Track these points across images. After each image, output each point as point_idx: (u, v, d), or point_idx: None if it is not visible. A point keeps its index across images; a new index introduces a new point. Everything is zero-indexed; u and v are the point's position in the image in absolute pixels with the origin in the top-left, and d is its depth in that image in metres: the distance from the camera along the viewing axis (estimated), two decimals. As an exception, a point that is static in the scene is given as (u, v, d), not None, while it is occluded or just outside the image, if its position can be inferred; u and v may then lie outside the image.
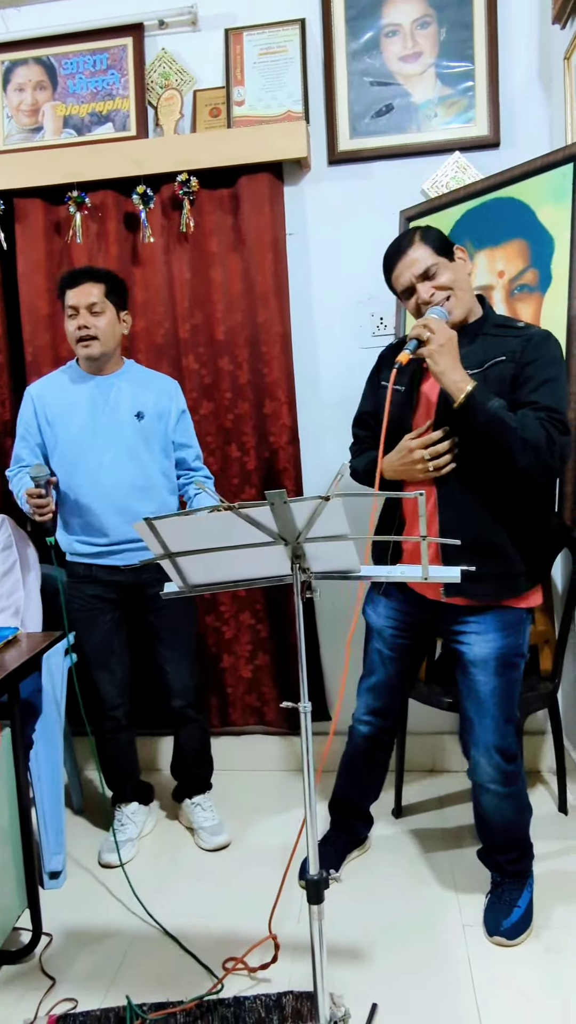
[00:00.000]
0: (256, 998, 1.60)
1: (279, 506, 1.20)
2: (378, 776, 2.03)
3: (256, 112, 2.48)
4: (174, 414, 2.18)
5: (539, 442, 1.53)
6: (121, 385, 2.14)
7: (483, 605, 1.70)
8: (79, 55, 2.57)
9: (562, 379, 1.63)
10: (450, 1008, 1.55)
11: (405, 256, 1.71)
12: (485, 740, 1.72)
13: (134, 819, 2.25)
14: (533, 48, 2.36)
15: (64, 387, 2.15)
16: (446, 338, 1.60)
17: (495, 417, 1.55)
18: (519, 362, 1.62)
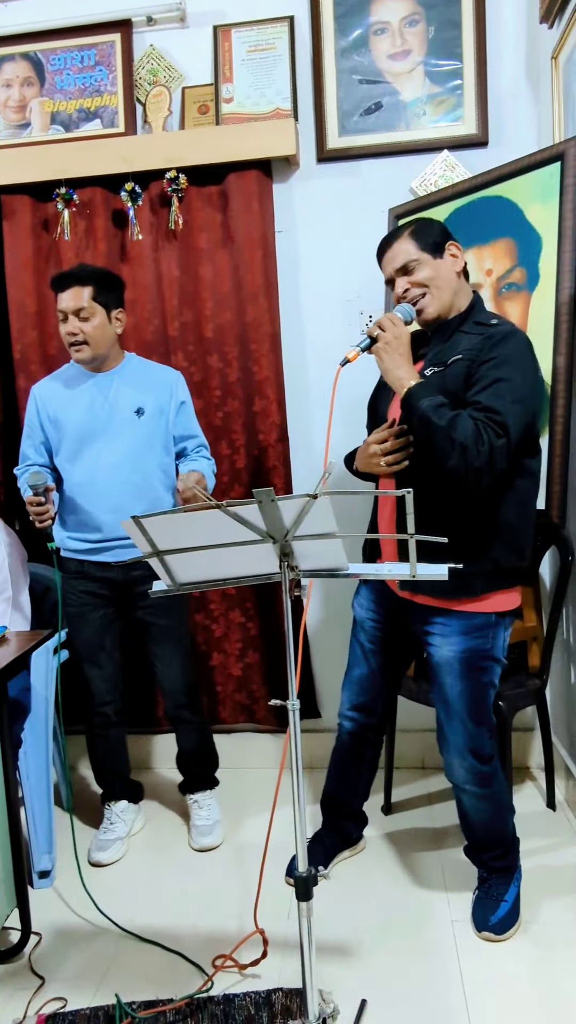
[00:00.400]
0: (246, 995, 1.60)
1: (267, 504, 1.20)
2: (366, 774, 2.03)
3: (245, 109, 2.48)
4: (173, 407, 2.16)
5: (467, 442, 1.52)
6: (120, 382, 2.13)
7: (447, 607, 1.68)
8: (67, 51, 2.56)
9: (515, 379, 1.57)
10: (439, 1003, 1.56)
11: (390, 249, 1.73)
12: (455, 742, 1.72)
13: (123, 817, 2.25)
14: (521, 47, 2.37)
15: (65, 386, 2.15)
16: (393, 336, 1.64)
17: (423, 415, 1.57)
18: (475, 360, 1.62)
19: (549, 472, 1.99)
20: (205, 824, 2.23)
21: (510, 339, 1.61)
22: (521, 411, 1.56)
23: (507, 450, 1.54)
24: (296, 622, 1.38)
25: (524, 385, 1.58)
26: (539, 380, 1.64)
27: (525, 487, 1.67)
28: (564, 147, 1.96)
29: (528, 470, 1.67)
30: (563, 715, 2.36)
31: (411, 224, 1.74)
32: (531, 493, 1.70)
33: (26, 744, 2.04)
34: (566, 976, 1.61)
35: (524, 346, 1.62)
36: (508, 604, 1.71)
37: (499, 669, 1.73)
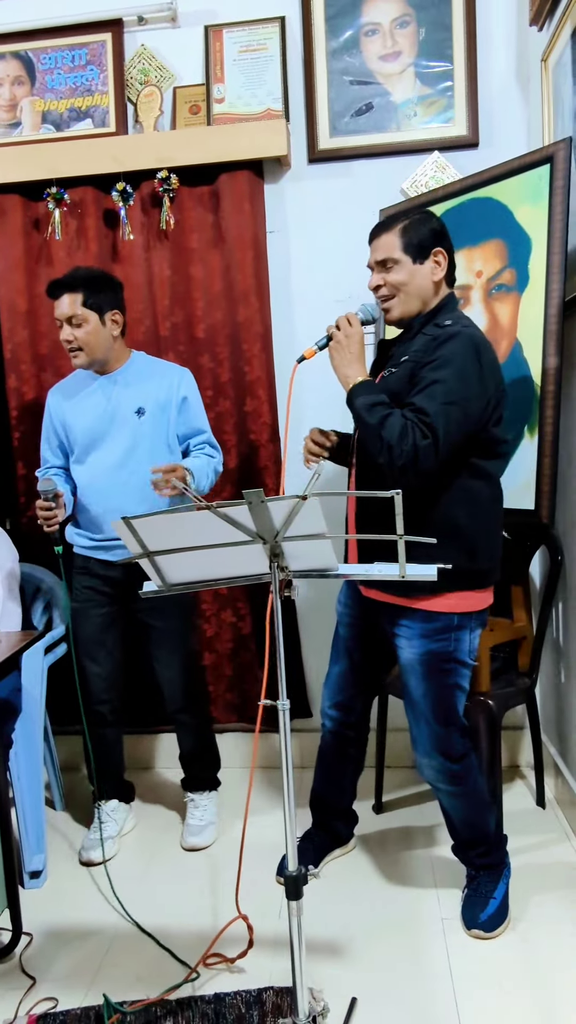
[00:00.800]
0: (236, 994, 1.60)
1: (257, 505, 1.20)
2: (350, 772, 2.04)
3: (236, 110, 2.48)
4: (175, 405, 2.13)
5: (392, 441, 1.54)
6: (123, 383, 2.13)
7: (406, 604, 1.69)
8: (58, 50, 2.55)
9: (449, 381, 1.56)
10: (429, 1001, 1.57)
11: (378, 238, 1.74)
12: (423, 742, 1.73)
13: (114, 816, 2.25)
14: (511, 49, 2.38)
15: (75, 389, 2.18)
16: (344, 336, 1.69)
17: (357, 413, 1.63)
18: (419, 362, 1.64)
19: (539, 472, 2.00)
20: (197, 824, 2.24)
21: (453, 341, 1.61)
22: (455, 412, 1.55)
23: (434, 451, 1.54)
24: (287, 622, 1.38)
25: (460, 387, 1.57)
26: (487, 381, 1.59)
27: (478, 488, 1.66)
28: (553, 149, 1.97)
29: (482, 471, 1.66)
30: (552, 714, 2.38)
31: (407, 218, 1.73)
32: (486, 494, 1.68)
33: (17, 744, 2.03)
34: (555, 973, 1.63)
35: (467, 347, 1.60)
36: (469, 606, 1.70)
37: (465, 671, 1.73)
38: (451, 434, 1.55)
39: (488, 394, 1.61)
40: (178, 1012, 1.57)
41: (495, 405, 1.64)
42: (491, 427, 1.65)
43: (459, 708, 1.74)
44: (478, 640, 1.75)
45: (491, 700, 2.04)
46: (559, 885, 1.91)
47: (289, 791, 1.36)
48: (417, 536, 1.28)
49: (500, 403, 1.66)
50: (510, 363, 2.10)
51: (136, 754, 2.66)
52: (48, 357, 2.56)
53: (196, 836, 2.20)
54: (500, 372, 1.69)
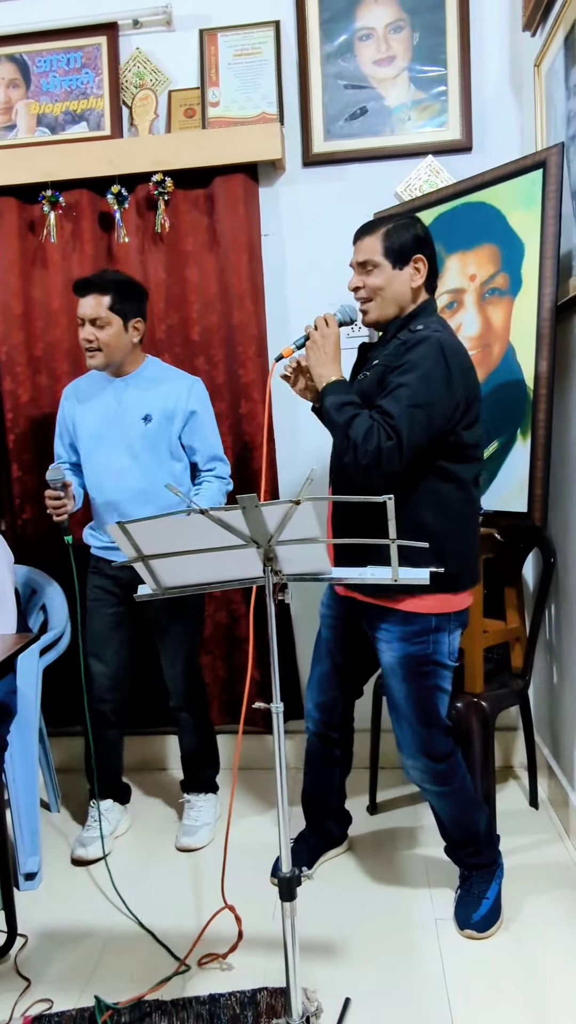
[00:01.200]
0: (231, 995, 1.61)
1: (250, 510, 1.21)
2: (337, 774, 2.05)
3: (231, 113, 2.49)
4: (182, 415, 2.12)
5: (357, 441, 1.57)
6: (133, 387, 2.14)
7: (389, 609, 1.70)
8: (53, 53, 2.56)
9: (413, 384, 1.58)
10: (422, 1001, 1.58)
11: (361, 240, 1.76)
12: (406, 744, 1.75)
13: (107, 816, 2.26)
14: (504, 54, 2.40)
15: (87, 388, 2.20)
16: (321, 336, 1.73)
17: (327, 411, 1.67)
18: (389, 365, 1.66)
19: (531, 475, 2.02)
20: (191, 825, 2.25)
21: (421, 345, 1.62)
22: (419, 415, 1.57)
23: (397, 452, 1.56)
24: (281, 625, 1.39)
25: (425, 390, 1.58)
26: (454, 385, 1.60)
27: (446, 491, 1.67)
28: (546, 154, 1.98)
29: (451, 475, 1.67)
30: (545, 715, 2.39)
31: (391, 222, 1.74)
32: (455, 497, 1.68)
33: (12, 746, 2.04)
34: (547, 972, 1.64)
35: (435, 352, 1.61)
36: (446, 607, 1.70)
37: (446, 672, 1.74)
38: (415, 436, 1.57)
39: (456, 398, 1.62)
40: (173, 1013, 1.58)
41: (464, 409, 1.64)
42: (460, 431, 1.65)
43: (441, 709, 1.75)
44: (458, 641, 1.76)
45: (484, 701, 2.06)
46: (552, 885, 1.92)
47: (283, 793, 1.37)
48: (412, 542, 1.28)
49: (471, 408, 1.66)
50: (503, 367, 2.12)
51: (137, 755, 2.67)
52: (43, 360, 2.57)
53: (190, 837, 2.21)
54: (473, 377, 1.69)
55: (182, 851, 2.19)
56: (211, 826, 2.27)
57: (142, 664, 2.33)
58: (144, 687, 2.43)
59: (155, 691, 2.44)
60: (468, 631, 2.07)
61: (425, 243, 1.74)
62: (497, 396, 2.13)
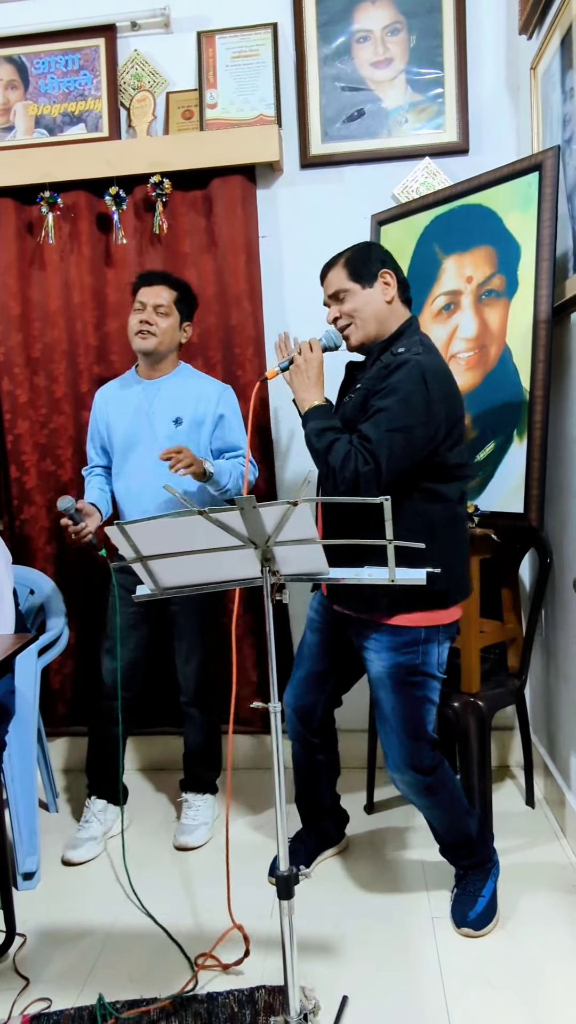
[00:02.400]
0: (229, 993, 1.62)
1: (248, 511, 1.22)
2: (324, 778, 2.05)
3: (229, 115, 2.50)
4: (211, 420, 2.16)
5: (335, 466, 1.59)
6: (165, 390, 2.18)
7: (377, 621, 1.70)
8: (51, 55, 2.57)
9: (393, 408, 1.58)
10: (418, 999, 1.59)
11: (326, 277, 1.81)
12: (393, 757, 1.74)
13: (100, 817, 2.25)
14: (501, 57, 2.41)
15: (121, 390, 2.24)
16: (304, 361, 1.75)
17: (307, 437, 1.70)
18: (371, 390, 1.68)
19: (528, 476, 2.03)
20: (190, 824, 2.25)
21: (401, 369, 1.63)
22: (398, 439, 1.57)
23: (375, 477, 1.56)
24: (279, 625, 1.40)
25: (404, 415, 1.58)
26: (435, 407, 1.60)
27: (432, 511, 1.67)
28: (542, 157, 1.99)
29: (437, 495, 1.67)
30: (542, 715, 2.40)
31: (348, 252, 1.79)
32: (442, 517, 1.68)
33: (10, 747, 2.04)
34: (543, 970, 1.65)
35: (414, 376, 1.61)
36: (435, 620, 1.71)
37: (434, 684, 1.74)
38: (394, 460, 1.58)
39: (436, 421, 1.61)
40: (171, 1012, 1.59)
41: (447, 431, 1.64)
42: (443, 452, 1.65)
43: (428, 722, 1.74)
44: (447, 653, 1.76)
45: (481, 701, 2.07)
46: (548, 884, 1.93)
47: (281, 792, 1.38)
48: (408, 542, 1.29)
49: (454, 429, 1.66)
50: (499, 368, 2.13)
51: (143, 754, 2.67)
52: (41, 361, 2.57)
53: (187, 835, 2.22)
54: (456, 399, 1.69)
55: (180, 849, 2.20)
56: (209, 826, 2.28)
57: (152, 664, 2.34)
58: (153, 686, 2.43)
59: (163, 691, 2.46)
60: (464, 630, 2.08)
61: (387, 260, 1.78)
62: (493, 397, 2.14)
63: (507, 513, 2.07)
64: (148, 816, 2.41)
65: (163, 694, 2.48)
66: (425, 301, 2.32)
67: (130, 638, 2.22)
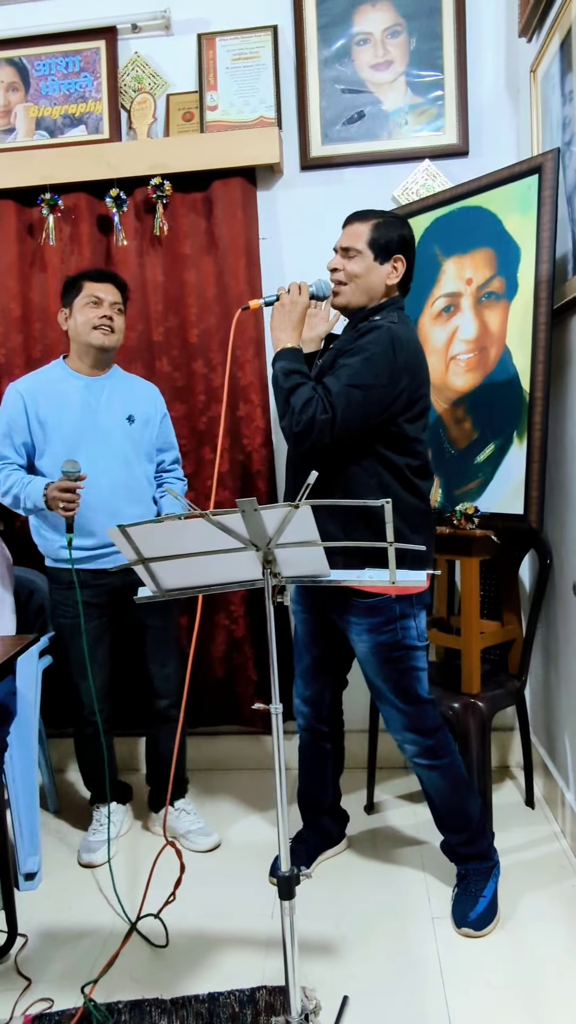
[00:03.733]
0: (230, 993, 1.63)
1: (250, 513, 1.22)
2: (329, 769, 2.07)
3: (229, 117, 2.50)
4: (157, 419, 2.24)
5: (296, 407, 1.64)
6: (112, 387, 2.17)
7: (353, 602, 1.74)
8: (52, 57, 2.57)
9: (356, 366, 1.64)
10: (418, 999, 1.59)
11: (351, 225, 1.80)
12: (393, 723, 1.81)
13: (111, 819, 2.27)
14: (501, 60, 2.41)
15: (54, 385, 2.13)
16: (289, 301, 1.77)
17: (275, 375, 1.72)
18: (341, 350, 1.74)
19: (527, 478, 2.03)
20: (202, 826, 2.26)
21: (373, 333, 1.68)
22: (356, 395, 1.62)
23: (330, 427, 1.62)
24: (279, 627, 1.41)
25: (366, 373, 1.63)
26: (398, 374, 1.65)
27: (388, 479, 1.71)
28: (542, 160, 2.00)
29: (394, 464, 1.71)
30: (541, 715, 2.41)
31: (382, 216, 1.79)
32: (400, 486, 1.72)
33: (11, 748, 2.05)
34: (543, 970, 1.65)
35: (383, 340, 1.65)
36: (414, 588, 1.72)
37: (418, 653, 1.79)
38: (349, 415, 1.63)
39: (398, 387, 1.66)
40: (172, 1011, 1.59)
41: (407, 402, 1.68)
42: (402, 423, 1.70)
43: (420, 687, 1.79)
44: (424, 622, 1.81)
45: (481, 702, 2.07)
46: (548, 884, 1.94)
47: (282, 792, 1.38)
48: (409, 545, 1.30)
49: (417, 402, 1.71)
50: (499, 370, 2.14)
51: (127, 757, 2.68)
52: (41, 362, 2.57)
53: (209, 836, 2.22)
54: (422, 373, 1.74)
55: (208, 852, 2.19)
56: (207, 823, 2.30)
57: (133, 668, 2.32)
58: (139, 690, 2.42)
59: (136, 694, 2.43)
60: (464, 632, 2.09)
61: (408, 246, 1.79)
62: (493, 399, 2.15)
63: (507, 514, 2.08)
64: (140, 817, 2.42)
65: (139, 696, 2.44)
66: (425, 303, 2.32)
67: (97, 653, 2.16)
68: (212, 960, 1.74)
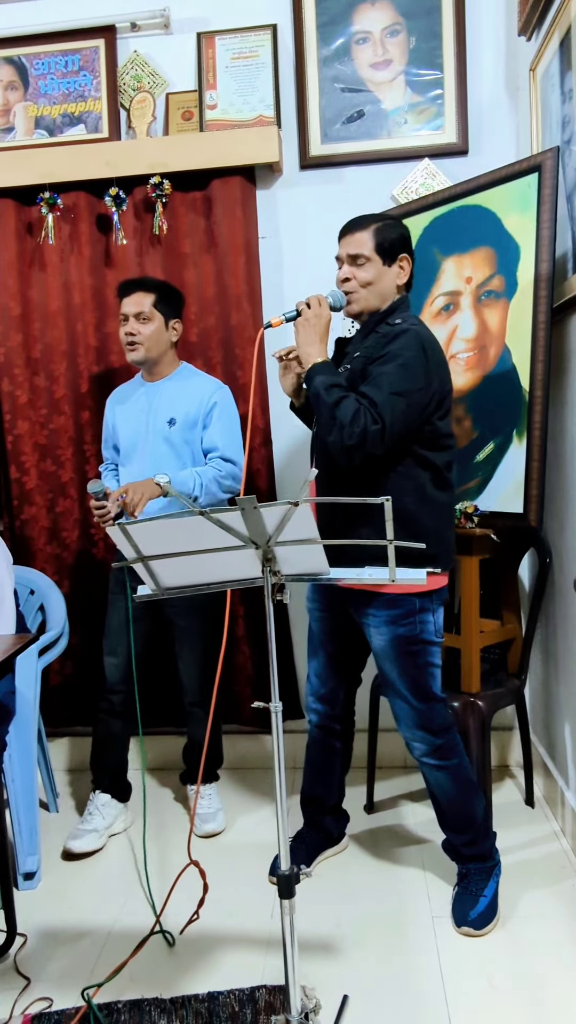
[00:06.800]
0: (230, 992, 1.62)
1: (249, 511, 1.22)
2: (338, 768, 2.07)
3: (228, 116, 2.50)
4: (203, 417, 2.18)
5: (345, 421, 1.63)
6: (164, 391, 2.22)
7: (374, 593, 1.76)
8: (51, 56, 2.57)
9: (394, 373, 1.66)
10: (418, 998, 1.59)
11: (352, 234, 1.81)
12: (405, 720, 1.81)
13: (103, 811, 2.27)
14: (500, 58, 2.41)
15: (127, 393, 2.29)
16: (314, 315, 1.76)
17: (316, 390, 1.70)
18: (371, 357, 1.74)
19: (527, 476, 2.03)
20: (208, 812, 2.29)
21: (401, 337, 1.71)
22: (400, 403, 1.65)
23: (381, 437, 1.64)
24: (279, 625, 1.40)
25: (404, 380, 1.66)
26: (431, 376, 1.69)
27: (424, 477, 1.74)
28: (541, 159, 2.00)
29: (428, 462, 1.74)
30: (541, 714, 2.41)
31: (379, 220, 1.81)
32: (433, 483, 1.76)
33: (11, 747, 2.04)
34: (543, 969, 1.65)
35: (414, 344, 1.69)
36: (426, 587, 1.75)
37: (435, 649, 1.81)
38: (396, 423, 1.65)
39: (432, 388, 1.70)
40: (172, 1011, 1.59)
41: (439, 400, 1.73)
42: (435, 420, 1.73)
43: (434, 684, 1.80)
44: (442, 618, 1.83)
45: (481, 701, 2.07)
46: (548, 883, 1.94)
47: (282, 791, 1.38)
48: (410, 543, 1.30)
49: (445, 399, 1.75)
50: (498, 368, 2.13)
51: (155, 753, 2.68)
52: (41, 361, 2.58)
53: (207, 823, 2.26)
54: (446, 370, 1.78)
55: (205, 837, 2.24)
56: (223, 811, 2.32)
57: (159, 663, 2.35)
58: (156, 685, 2.44)
59: (165, 690, 2.47)
60: (464, 631, 2.09)
61: (408, 244, 1.83)
62: (493, 398, 2.15)
63: (506, 513, 2.08)
64: (160, 812, 2.41)
65: (165, 693, 2.49)
66: (424, 302, 2.32)
67: (126, 633, 2.23)
68: (212, 959, 1.74)
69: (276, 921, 1.80)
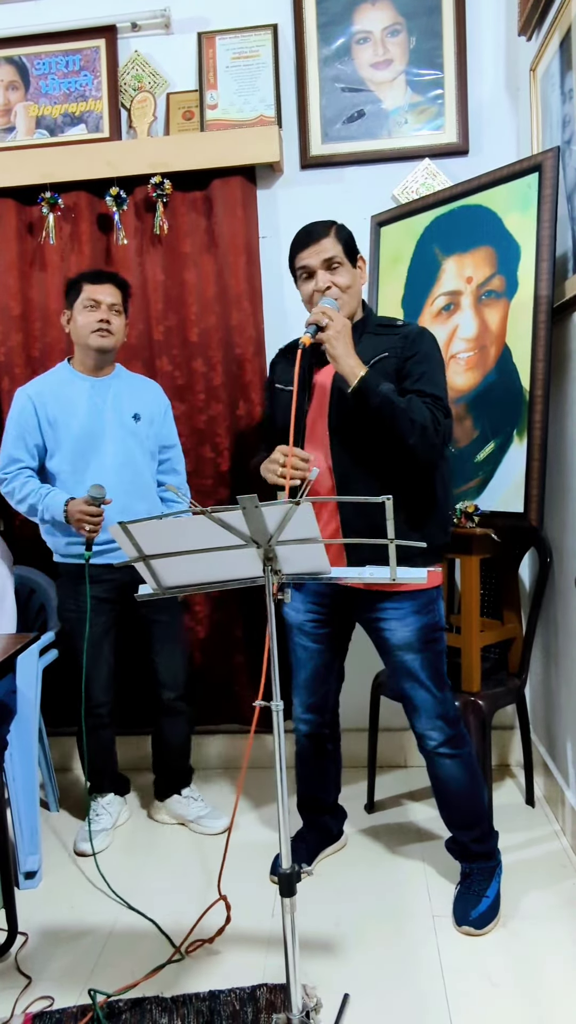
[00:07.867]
0: (231, 991, 1.63)
1: (251, 510, 1.22)
2: (331, 767, 2.07)
3: (229, 116, 2.50)
4: (160, 417, 2.28)
5: (426, 422, 1.66)
6: (117, 387, 2.22)
7: (399, 589, 1.77)
8: (52, 56, 2.57)
9: (436, 372, 1.76)
10: (419, 997, 1.59)
11: (318, 242, 1.79)
12: (426, 710, 1.81)
13: (109, 809, 2.30)
14: (500, 58, 2.41)
15: (62, 387, 2.19)
16: (342, 325, 1.72)
17: (386, 399, 1.67)
18: (400, 356, 1.75)
19: (528, 476, 2.03)
20: (212, 810, 2.31)
21: (424, 335, 1.79)
22: (448, 397, 1.76)
23: (452, 428, 1.76)
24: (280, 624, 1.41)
25: (441, 374, 1.78)
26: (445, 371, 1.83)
27: (445, 468, 1.83)
28: (542, 158, 2.00)
29: (444, 452, 1.81)
30: (541, 714, 2.41)
31: (336, 225, 1.83)
32: (449, 474, 1.87)
33: (12, 746, 2.05)
34: (544, 968, 1.65)
35: (431, 340, 1.80)
36: (440, 578, 1.91)
37: (445, 635, 1.86)
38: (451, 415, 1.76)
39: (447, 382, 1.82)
40: (173, 1009, 1.59)
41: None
42: None
43: (446, 671, 1.85)
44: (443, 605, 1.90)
45: (481, 700, 2.07)
46: (548, 882, 1.94)
47: (282, 790, 1.38)
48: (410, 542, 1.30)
49: None
50: (499, 368, 2.14)
51: (127, 754, 2.67)
52: (40, 360, 2.58)
53: (220, 819, 2.28)
54: None
55: (216, 835, 2.25)
56: (217, 807, 2.33)
57: (137, 666, 2.33)
58: (141, 688, 2.43)
59: (140, 691, 2.45)
60: (465, 630, 2.09)
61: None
62: (493, 397, 2.15)
63: (507, 513, 2.08)
64: (142, 813, 2.42)
65: (142, 696, 2.46)
66: (425, 302, 2.32)
67: (103, 647, 2.22)
68: (213, 958, 1.74)
69: (277, 920, 1.81)
